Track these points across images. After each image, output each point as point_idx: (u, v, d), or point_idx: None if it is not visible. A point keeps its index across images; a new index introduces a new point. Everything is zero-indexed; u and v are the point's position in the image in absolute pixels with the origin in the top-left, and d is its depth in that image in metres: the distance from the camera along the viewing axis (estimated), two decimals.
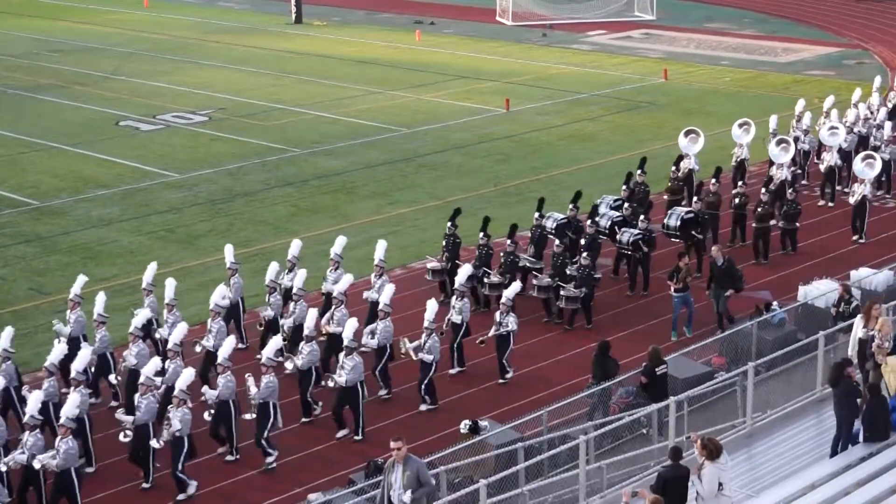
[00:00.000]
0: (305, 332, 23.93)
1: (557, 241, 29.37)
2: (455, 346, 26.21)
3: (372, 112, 51.21)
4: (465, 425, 21.53)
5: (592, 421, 21.73)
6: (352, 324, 23.68)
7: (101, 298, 25.24)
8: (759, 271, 31.76)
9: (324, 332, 25.41)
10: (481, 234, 29.58)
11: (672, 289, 27.83)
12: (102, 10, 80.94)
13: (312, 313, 24.19)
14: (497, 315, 25.58)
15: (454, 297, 26.24)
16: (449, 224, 30.12)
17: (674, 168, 35.37)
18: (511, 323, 25.42)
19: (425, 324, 24.36)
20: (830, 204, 36.75)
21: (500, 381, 25.69)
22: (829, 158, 36.91)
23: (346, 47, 67.05)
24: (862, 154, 35.38)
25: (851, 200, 34.20)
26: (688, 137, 36.49)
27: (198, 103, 53.10)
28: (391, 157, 44.22)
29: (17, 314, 29.84)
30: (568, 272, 28.53)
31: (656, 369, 22.79)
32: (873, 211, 35.32)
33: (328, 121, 49.88)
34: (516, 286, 26.62)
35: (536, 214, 30.96)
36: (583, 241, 29.65)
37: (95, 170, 42.97)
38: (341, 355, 23.40)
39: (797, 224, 32.99)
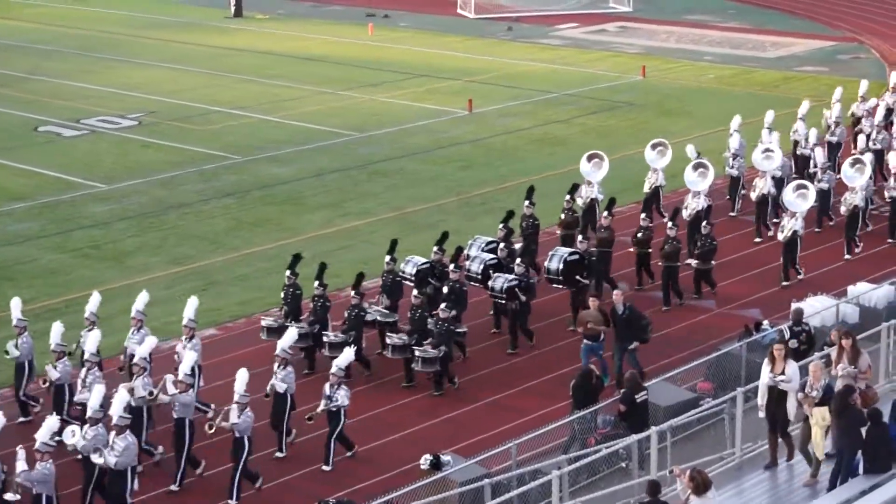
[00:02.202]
0: (89, 412, 22.08)
1: (416, 291, 27.50)
2: (281, 423, 24.24)
3: (320, 114, 51.11)
4: (425, 460, 21.45)
5: (567, 454, 21.67)
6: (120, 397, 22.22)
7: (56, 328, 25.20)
8: (747, 287, 31.82)
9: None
10: (316, 283, 27.78)
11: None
12: (20, 3, 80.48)
13: (99, 390, 22.39)
14: (326, 387, 23.64)
15: (276, 364, 24.12)
16: (288, 273, 28.15)
17: (568, 197, 33.26)
18: (342, 397, 23.52)
19: (235, 397, 22.51)
20: (757, 239, 34.99)
21: (325, 466, 23.76)
22: (762, 186, 35.14)
23: (292, 43, 66.93)
24: (794, 183, 33.61)
25: (780, 237, 32.25)
26: (591, 162, 35.02)
27: (127, 106, 52.81)
28: (342, 165, 44.13)
29: None
30: (429, 327, 26.82)
31: (636, 396, 22.76)
32: (874, 220, 35.58)
33: (272, 124, 49.74)
34: (348, 354, 24.37)
35: (388, 258, 28.96)
36: (445, 290, 28.00)
37: (11, 180, 42.63)
38: (111, 435, 21.59)
39: (712, 262, 31.22)
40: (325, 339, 27.04)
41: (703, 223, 31.75)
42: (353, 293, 27.53)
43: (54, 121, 50.44)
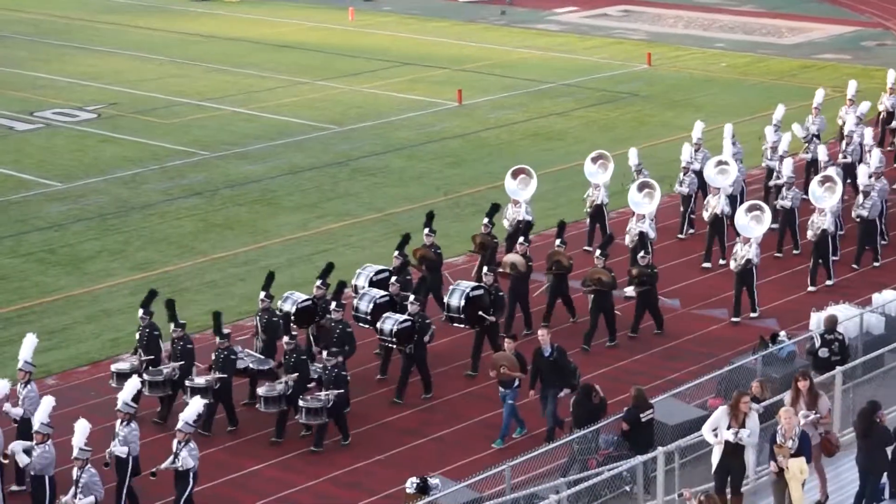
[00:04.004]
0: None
1: (286, 338, 25.91)
2: (122, 488, 22.93)
3: (296, 107, 51.15)
4: (412, 483, 21.45)
5: (566, 477, 21.72)
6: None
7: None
8: (762, 295, 31.89)
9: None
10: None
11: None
12: None
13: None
14: (174, 443, 22.33)
15: (118, 422, 22.85)
16: (141, 312, 26.64)
17: (486, 221, 31.82)
18: (186, 457, 22.05)
19: (75, 452, 21.35)
20: (706, 265, 33.69)
21: None
22: (715, 204, 33.52)
23: (265, 28, 66.95)
24: (746, 204, 32.09)
25: (732, 266, 30.73)
26: (517, 179, 34.04)
27: (85, 98, 52.79)
28: (320, 161, 44.17)
29: None
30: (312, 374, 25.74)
31: (641, 415, 22.81)
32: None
33: (243, 118, 49.76)
34: (197, 404, 22.72)
35: (262, 294, 27.40)
36: (326, 332, 27.00)
37: None
38: None
39: (656, 290, 30.08)
40: (186, 384, 25.60)
41: (640, 253, 30.33)
42: (217, 339, 25.95)
43: (5, 113, 50.38)
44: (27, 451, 22.30)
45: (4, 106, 51.35)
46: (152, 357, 26.18)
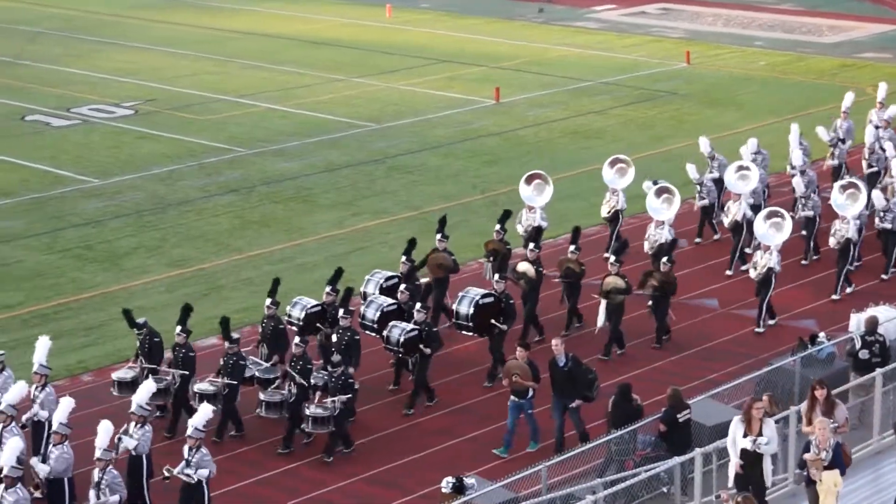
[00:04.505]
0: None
1: (298, 339, 25.59)
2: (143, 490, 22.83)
3: (332, 104, 51.27)
4: (447, 483, 21.50)
5: (603, 478, 21.74)
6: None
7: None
8: (801, 296, 31.83)
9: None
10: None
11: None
12: None
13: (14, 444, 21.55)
14: (185, 450, 22.24)
15: (132, 424, 22.78)
16: (142, 319, 26.61)
17: (498, 227, 31.46)
18: (200, 461, 21.97)
19: (97, 454, 21.55)
20: (728, 272, 33.40)
21: None
22: (736, 210, 33.22)
23: (301, 25, 67.12)
24: (765, 211, 31.73)
25: (753, 274, 30.42)
26: (531, 185, 33.66)
27: (121, 94, 53.06)
28: (356, 159, 44.27)
29: None
30: (312, 380, 25.29)
31: (678, 415, 22.82)
32: None
33: (279, 114, 49.91)
34: (206, 410, 22.56)
35: (268, 301, 27.09)
36: (334, 338, 26.58)
37: None
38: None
39: (670, 300, 29.68)
40: (194, 389, 25.33)
41: (664, 258, 29.81)
42: (226, 344, 25.75)
43: (42, 109, 50.68)
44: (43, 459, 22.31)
45: (41, 102, 51.66)
46: (154, 365, 25.77)
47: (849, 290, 32.04)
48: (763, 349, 28.81)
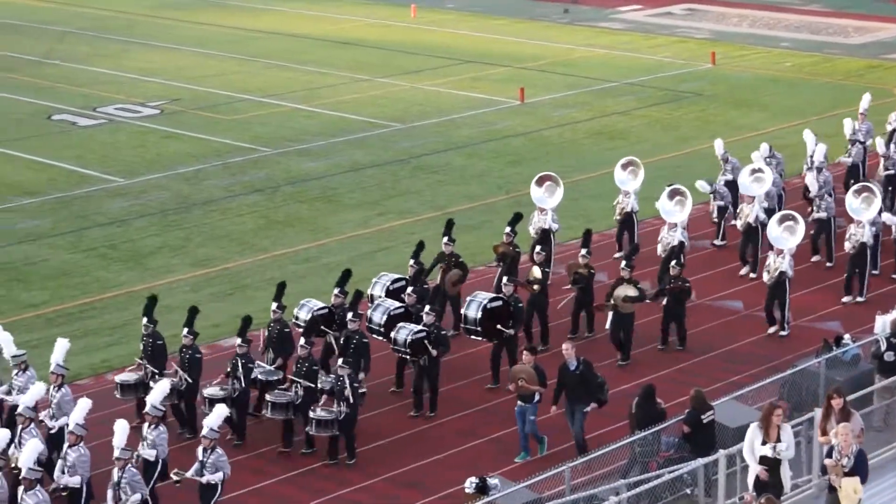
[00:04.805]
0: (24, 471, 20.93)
1: (303, 340, 25.38)
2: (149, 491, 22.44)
3: (357, 104, 51.32)
4: (471, 483, 21.51)
5: (626, 479, 21.72)
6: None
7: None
8: (825, 297, 31.75)
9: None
10: (239, 342, 25.75)
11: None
12: None
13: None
14: (199, 451, 22.14)
15: (146, 425, 22.80)
16: (145, 320, 26.13)
17: (508, 230, 31.22)
18: (215, 462, 21.89)
19: (116, 453, 21.51)
20: (752, 274, 32.86)
21: None
22: (749, 212, 32.92)
23: (326, 25, 67.20)
24: (779, 214, 31.54)
25: (766, 278, 30.12)
26: (542, 186, 33.43)
27: (147, 93, 53.21)
28: (381, 159, 44.31)
29: None
30: (320, 384, 25.19)
31: (702, 416, 22.78)
32: None
33: (304, 114, 49.98)
34: (221, 410, 22.53)
35: (274, 305, 27.04)
36: (343, 342, 26.36)
37: (22, 173, 43.05)
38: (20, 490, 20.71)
39: (685, 305, 29.44)
40: (205, 394, 25.25)
41: (672, 262, 29.66)
42: (239, 341, 25.65)
43: (69, 109, 50.88)
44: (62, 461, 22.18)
45: (68, 101, 51.86)
46: (158, 368, 25.55)
47: (859, 298, 31.56)
48: (787, 351, 28.72)
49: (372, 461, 25.02)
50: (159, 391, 23.03)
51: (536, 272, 29.43)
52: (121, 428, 21.67)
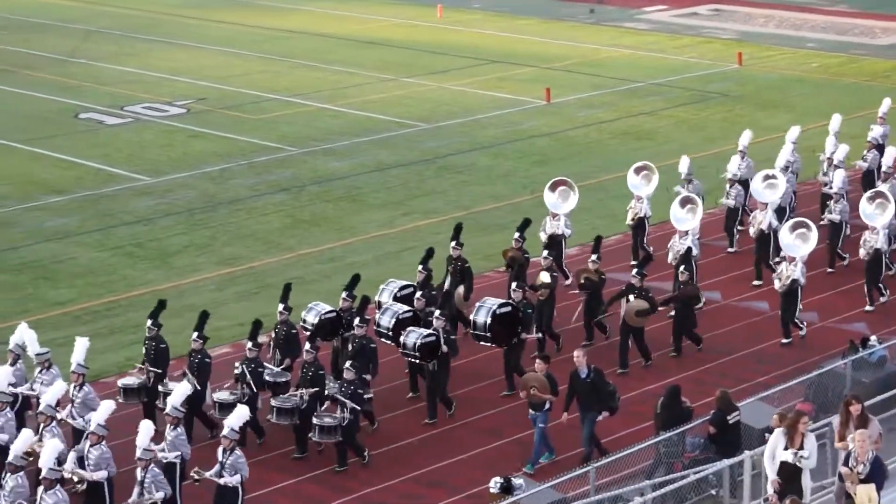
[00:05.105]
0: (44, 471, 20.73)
1: (308, 345, 25.12)
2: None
3: (383, 103, 51.35)
4: (495, 483, 21.52)
5: (651, 480, 21.69)
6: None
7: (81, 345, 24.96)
8: (852, 299, 31.61)
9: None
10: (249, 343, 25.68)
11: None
12: None
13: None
14: (219, 452, 22.04)
15: (168, 427, 22.68)
16: (149, 322, 25.87)
17: (517, 235, 30.91)
18: (233, 463, 21.82)
19: (138, 452, 21.50)
20: (756, 282, 32.66)
21: None
22: (762, 219, 32.51)
23: (352, 25, 67.26)
24: (791, 222, 30.98)
25: (777, 286, 29.73)
26: (556, 191, 33.24)
27: (174, 92, 53.34)
28: (406, 158, 44.32)
29: None
30: (327, 391, 24.87)
31: (727, 417, 22.75)
32: None
33: (330, 114, 50.03)
34: (242, 412, 22.52)
35: (281, 307, 26.92)
36: (350, 347, 26.13)
37: (50, 172, 43.20)
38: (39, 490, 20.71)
39: (693, 309, 29.21)
40: (214, 398, 25.16)
41: (682, 267, 29.59)
42: (249, 344, 25.46)
43: (96, 107, 51.04)
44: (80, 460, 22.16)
45: (95, 100, 52.01)
46: (160, 371, 25.39)
47: (882, 299, 31.42)
48: (813, 352, 28.63)
49: (396, 460, 25.03)
50: (180, 392, 22.99)
51: (545, 277, 29.24)
52: (144, 428, 21.71)
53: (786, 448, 20.07)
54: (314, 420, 24.39)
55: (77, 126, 48.68)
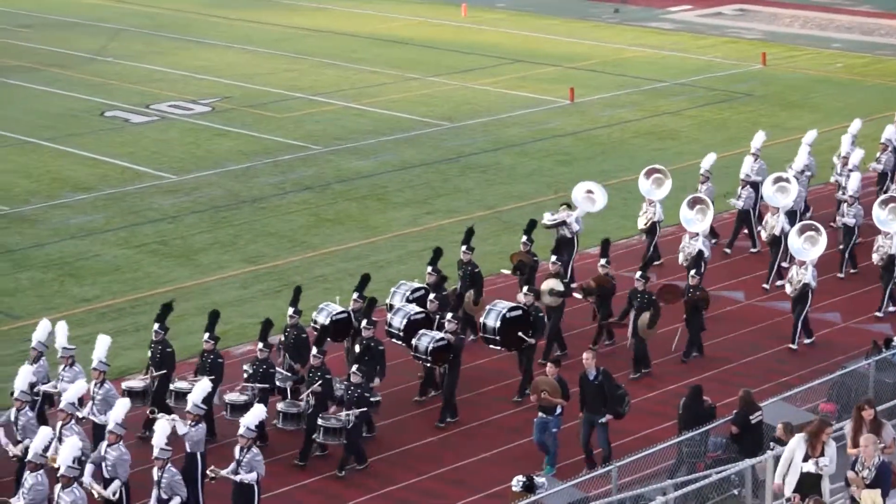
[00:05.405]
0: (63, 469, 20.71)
1: (315, 350, 24.90)
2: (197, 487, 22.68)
3: (407, 102, 51.40)
4: (518, 482, 21.54)
5: (674, 479, 21.67)
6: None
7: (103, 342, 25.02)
8: (875, 299, 31.52)
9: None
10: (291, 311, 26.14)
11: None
12: None
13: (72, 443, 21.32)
14: (237, 450, 21.95)
15: (187, 423, 22.71)
16: (156, 326, 25.86)
17: (524, 238, 30.61)
18: (249, 462, 21.78)
19: (155, 452, 21.44)
20: (765, 285, 32.58)
21: None
22: (774, 224, 32.28)
23: (376, 24, 67.32)
24: (799, 224, 30.71)
25: (788, 290, 29.55)
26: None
27: (199, 91, 53.47)
28: (430, 157, 44.35)
29: None
30: (336, 392, 24.86)
31: (750, 417, 22.72)
32: None
33: (354, 113, 50.09)
34: (259, 411, 22.30)
35: (291, 311, 26.70)
36: (357, 349, 25.97)
37: (75, 169, 43.34)
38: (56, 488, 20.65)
39: (702, 313, 29.07)
40: (225, 398, 25.07)
41: (692, 272, 29.28)
42: (260, 345, 25.42)
43: (122, 106, 51.18)
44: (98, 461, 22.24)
45: (121, 98, 52.16)
46: (164, 373, 25.33)
47: (893, 308, 31.10)
48: (836, 352, 28.60)
49: (420, 458, 25.06)
50: (200, 389, 22.95)
51: (556, 285, 28.91)
52: (160, 428, 21.68)
53: (806, 458, 19.86)
54: (319, 421, 24.33)
55: (103, 124, 48.84)
